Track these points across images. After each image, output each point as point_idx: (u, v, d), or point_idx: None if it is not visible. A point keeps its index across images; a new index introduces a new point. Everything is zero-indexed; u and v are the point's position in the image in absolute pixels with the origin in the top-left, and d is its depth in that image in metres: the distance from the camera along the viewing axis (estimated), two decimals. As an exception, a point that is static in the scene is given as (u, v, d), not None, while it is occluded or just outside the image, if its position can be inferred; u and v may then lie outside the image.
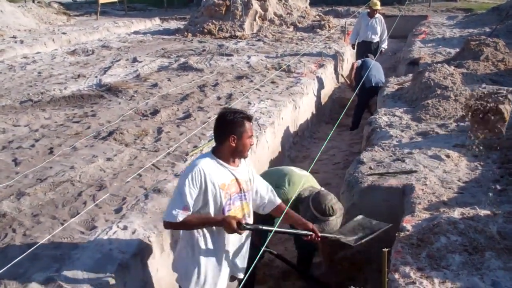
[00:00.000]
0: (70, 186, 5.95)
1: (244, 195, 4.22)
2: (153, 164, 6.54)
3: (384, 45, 14.05)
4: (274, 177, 5.50)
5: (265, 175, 5.62)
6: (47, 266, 4.36)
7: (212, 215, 4.03)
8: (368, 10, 13.83)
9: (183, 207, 3.87)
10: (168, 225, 4.02)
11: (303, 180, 5.41)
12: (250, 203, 4.32)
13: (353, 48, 14.57)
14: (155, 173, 6.35)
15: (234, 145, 3.99)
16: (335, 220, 5.09)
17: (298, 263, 6.18)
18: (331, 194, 5.22)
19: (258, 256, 4.07)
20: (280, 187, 5.31)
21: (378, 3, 13.62)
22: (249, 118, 4.11)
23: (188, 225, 3.98)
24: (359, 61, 12.04)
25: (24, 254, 4.36)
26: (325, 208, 5.00)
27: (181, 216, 3.87)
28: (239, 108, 4.45)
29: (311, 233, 4.45)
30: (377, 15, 13.70)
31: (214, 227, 4.09)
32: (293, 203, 5.08)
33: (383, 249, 3.93)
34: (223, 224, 3.97)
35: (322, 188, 5.46)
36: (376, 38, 13.75)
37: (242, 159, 4.22)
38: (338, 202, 5.18)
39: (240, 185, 4.16)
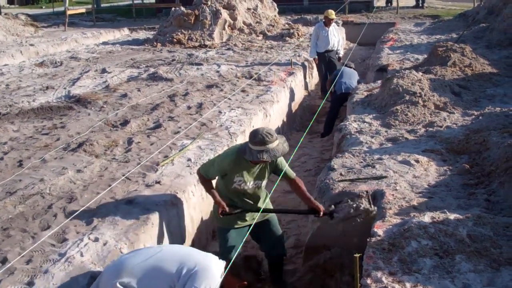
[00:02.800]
0: (40, 199, 5.89)
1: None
2: (124, 175, 6.50)
3: (341, 52, 14.43)
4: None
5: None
6: (19, 280, 4.31)
7: None
8: (324, 21, 13.98)
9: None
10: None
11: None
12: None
13: (316, 62, 14.63)
14: (126, 184, 6.30)
15: None
16: (279, 143, 5.20)
17: (269, 270, 6.19)
18: (263, 126, 5.42)
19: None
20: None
21: (333, 12, 13.87)
22: None
23: None
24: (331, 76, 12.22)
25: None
26: (262, 136, 5.06)
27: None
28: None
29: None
30: (333, 23, 13.95)
31: None
32: (242, 160, 5.29)
33: (355, 254, 3.97)
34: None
35: None
36: (337, 46, 13.98)
37: None
38: (272, 130, 5.28)
39: None
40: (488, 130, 7.06)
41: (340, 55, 14.40)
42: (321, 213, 5.47)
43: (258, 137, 5.07)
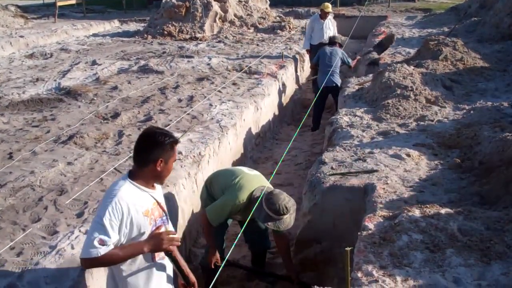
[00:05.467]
0: (30, 191, 5.86)
1: (167, 218, 3.91)
2: (114, 168, 6.47)
3: None
4: (223, 179, 5.61)
5: (215, 177, 5.70)
6: (9, 273, 4.29)
7: None
8: (319, 13, 13.99)
9: (102, 240, 3.40)
10: (88, 262, 3.50)
11: (254, 181, 5.50)
12: (170, 224, 4.02)
13: (308, 53, 14.63)
14: (116, 177, 6.27)
15: (159, 169, 3.65)
16: (289, 218, 5.25)
17: (253, 262, 6.26)
18: (283, 193, 5.32)
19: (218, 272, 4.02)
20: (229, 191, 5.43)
21: (330, 5, 13.88)
22: (177, 142, 3.82)
23: (113, 259, 3.51)
24: (314, 58, 12.25)
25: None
26: (279, 208, 5.11)
27: (103, 250, 3.40)
28: (164, 128, 4.13)
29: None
30: (329, 16, 13.91)
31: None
32: (245, 204, 5.26)
33: (346, 248, 3.97)
34: (154, 241, 3.61)
35: (272, 187, 5.54)
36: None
37: None
38: (291, 200, 5.30)
39: (162, 207, 3.85)
40: (479, 124, 7.08)
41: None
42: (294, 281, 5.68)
43: (275, 207, 5.12)
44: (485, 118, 7.43)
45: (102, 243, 3.39)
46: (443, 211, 4.80)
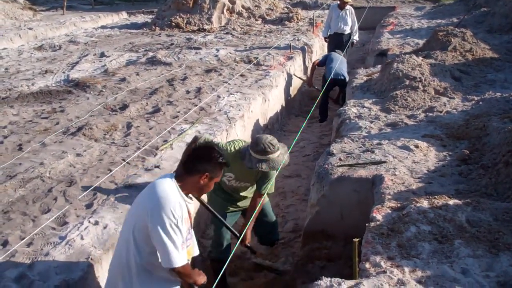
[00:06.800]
0: (40, 182, 5.89)
1: (191, 233, 3.97)
2: (123, 159, 6.50)
3: (356, 37, 14.22)
4: None
5: None
6: (20, 263, 4.33)
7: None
8: (338, 2, 13.91)
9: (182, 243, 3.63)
10: (182, 269, 3.67)
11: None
12: (194, 238, 4.08)
13: (326, 41, 14.61)
14: (125, 168, 6.31)
15: (202, 183, 3.72)
16: (281, 156, 5.17)
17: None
18: (267, 135, 5.30)
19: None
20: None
21: None
22: (227, 166, 3.93)
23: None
24: (321, 57, 12.23)
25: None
26: (264, 146, 5.03)
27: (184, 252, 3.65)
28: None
29: None
30: (347, 6, 13.81)
31: None
32: (238, 160, 5.20)
33: (354, 239, 3.97)
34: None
35: None
36: (347, 30, 13.87)
37: None
38: (275, 139, 5.21)
39: (191, 220, 3.92)
40: (488, 115, 7.06)
41: (354, 41, 14.34)
42: (245, 242, 5.61)
43: (260, 146, 5.05)
44: (494, 109, 7.41)
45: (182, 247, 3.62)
46: (451, 202, 4.81)
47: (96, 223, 4.99)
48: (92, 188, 5.64)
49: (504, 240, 4.15)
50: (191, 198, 3.85)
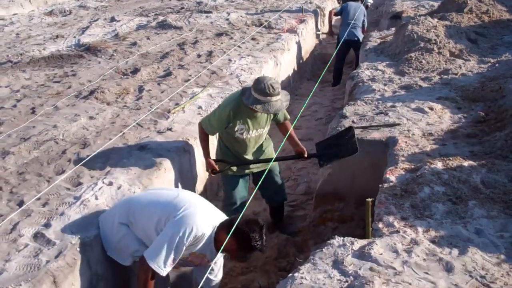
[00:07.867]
0: (54, 145, 5.90)
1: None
2: (136, 122, 6.50)
3: (370, 0, 14.00)
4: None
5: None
6: (36, 222, 4.36)
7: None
8: None
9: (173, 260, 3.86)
10: (147, 271, 3.91)
11: None
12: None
13: (339, 3, 14.41)
14: (137, 131, 6.31)
15: (223, 245, 3.66)
16: (279, 102, 5.08)
17: (271, 214, 6.31)
18: (271, 76, 5.30)
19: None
20: None
21: None
22: (259, 251, 4.02)
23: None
24: (337, 7, 12.08)
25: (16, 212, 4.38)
26: (264, 87, 4.95)
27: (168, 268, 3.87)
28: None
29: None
30: None
31: None
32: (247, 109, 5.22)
33: (367, 199, 3.97)
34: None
35: None
36: None
37: None
38: (278, 84, 5.13)
39: (195, 264, 4.33)
40: (504, 77, 6.97)
41: (368, 3, 14.08)
42: (305, 155, 5.66)
43: (260, 86, 4.97)
44: (510, 71, 7.31)
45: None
46: (466, 163, 4.78)
47: (110, 183, 5.01)
48: (105, 149, 5.65)
49: (519, 201, 4.14)
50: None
